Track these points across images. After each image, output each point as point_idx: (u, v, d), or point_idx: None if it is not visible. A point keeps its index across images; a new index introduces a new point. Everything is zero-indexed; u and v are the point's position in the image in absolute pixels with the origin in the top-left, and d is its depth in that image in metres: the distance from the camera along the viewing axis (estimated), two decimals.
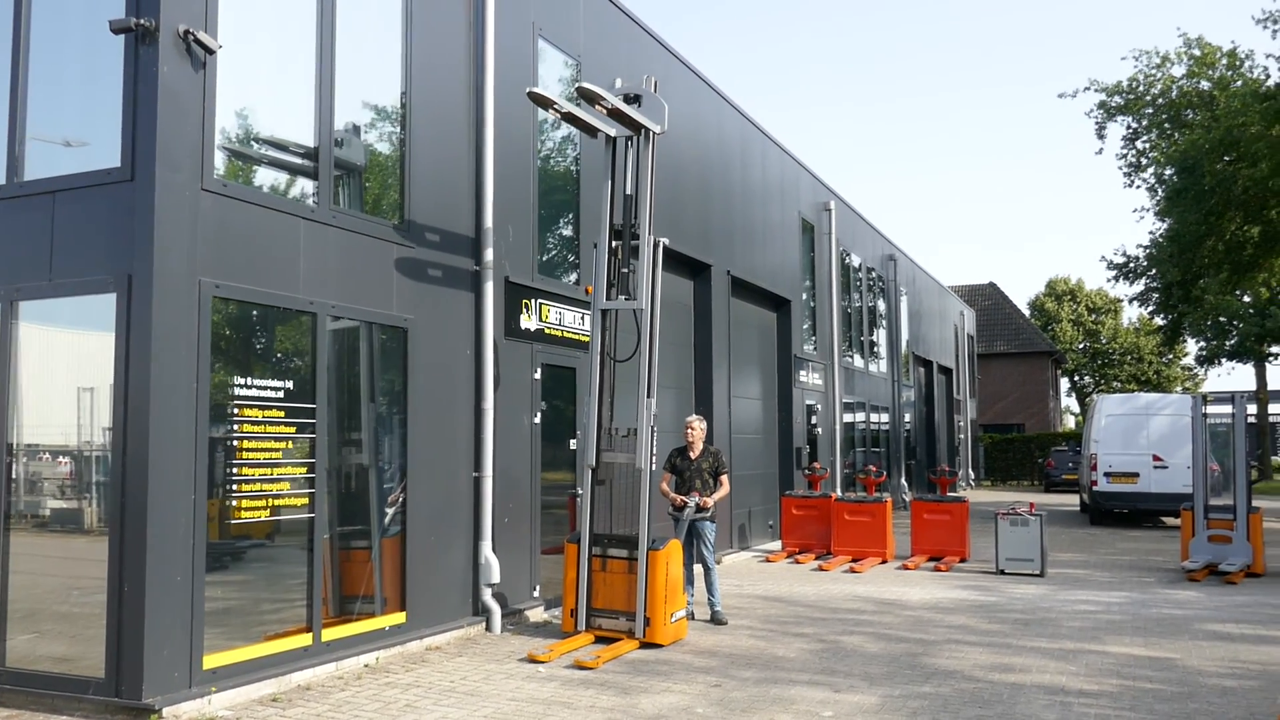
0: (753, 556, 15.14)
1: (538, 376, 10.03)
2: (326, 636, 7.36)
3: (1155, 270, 27.49)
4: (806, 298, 18.79)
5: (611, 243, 9.19)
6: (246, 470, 6.83)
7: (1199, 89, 24.97)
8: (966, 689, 7.11)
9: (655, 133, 9.19)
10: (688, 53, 21.86)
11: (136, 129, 6.35)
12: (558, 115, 8.93)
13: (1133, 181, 27.51)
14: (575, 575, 8.75)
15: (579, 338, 10.68)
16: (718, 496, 9.70)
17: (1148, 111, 25.94)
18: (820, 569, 13.73)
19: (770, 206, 17.08)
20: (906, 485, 25.81)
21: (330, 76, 7.63)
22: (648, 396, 8.84)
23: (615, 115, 8.89)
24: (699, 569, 9.81)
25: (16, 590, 6.68)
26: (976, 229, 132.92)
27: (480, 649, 8.38)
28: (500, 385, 9.37)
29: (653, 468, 8.85)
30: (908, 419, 27.29)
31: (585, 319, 10.69)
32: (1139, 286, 29.43)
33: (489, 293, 9.21)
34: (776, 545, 16.10)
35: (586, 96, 8.52)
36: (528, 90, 8.71)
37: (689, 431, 9.83)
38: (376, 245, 8.10)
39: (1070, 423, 62.88)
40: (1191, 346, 46.48)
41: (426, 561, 8.44)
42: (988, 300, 49.17)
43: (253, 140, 7.19)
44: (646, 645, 8.45)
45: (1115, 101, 26.14)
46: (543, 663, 7.85)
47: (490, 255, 9.25)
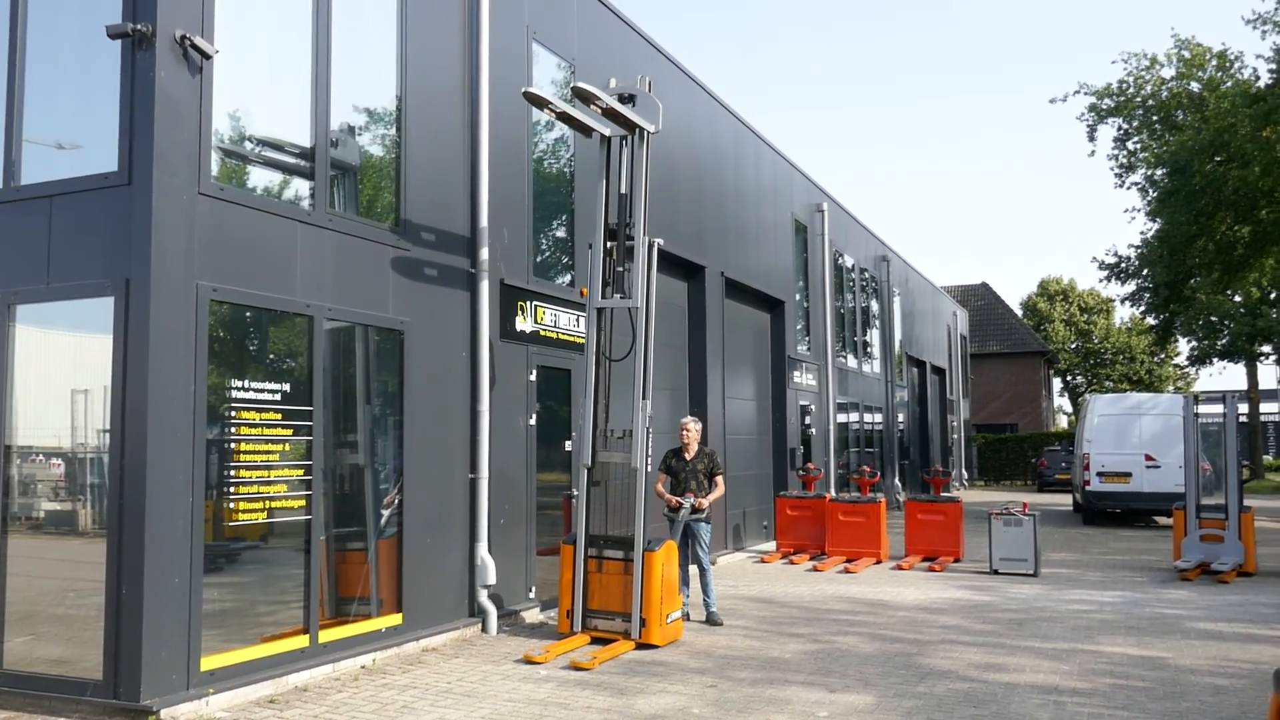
0: (747, 557, 15.18)
1: (533, 378, 10.06)
2: (323, 638, 7.38)
3: (1147, 270, 27.58)
4: (800, 298, 18.84)
5: (606, 243, 9.22)
6: (243, 472, 6.85)
7: (1189, 90, 25.09)
8: (961, 689, 7.16)
9: (650, 132, 9.24)
10: (681, 56, 21.86)
11: (133, 133, 6.37)
12: (553, 115, 8.97)
13: (1124, 182, 27.67)
14: (571, 576, 8.77)
15: (574, 340, 10.71)
16: (713, 497, 9.73)
17: (1138, 113, 26.05)
18: (815, 569, 13.77)
19: (763, 208, 17.12)
20: (900, 486, 25.86)
21: (326, 80, 7.65)
22: (643, 398, 8.87)
23: (610, 115, 8.93)
24: (694, 570, 9.84)
25: (14, 592, 6.68)
26: (969, 230, 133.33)
27: (476, 650, 8.41)
28: (496, 387, 9.40)
29: (648, 469, 8.88)
30: (901, 419, 27.36)
31: (580, 321, 10.71)
32: (1131, 286, 29.54)
33: (484, 294, 9.24)
34: (771, 546, 16.14)
35: (582, 96, 8.55)
36: (523, 90, 8.76)
37: (684, 433, 9.87)
38: (372, 248, 8.12)
39: (1063, 423, 62.98)
40: (1183, 346, 46.73)
41: (423, 563, 8.46)
42: (980, 300, 49.23)
43: (249, 143, 7.22)
44: (642, 646, 8.47)
45: (1106, 104, 26.25)
46: (539, 664, 7.87)
47: (485, 257, 9.28)
